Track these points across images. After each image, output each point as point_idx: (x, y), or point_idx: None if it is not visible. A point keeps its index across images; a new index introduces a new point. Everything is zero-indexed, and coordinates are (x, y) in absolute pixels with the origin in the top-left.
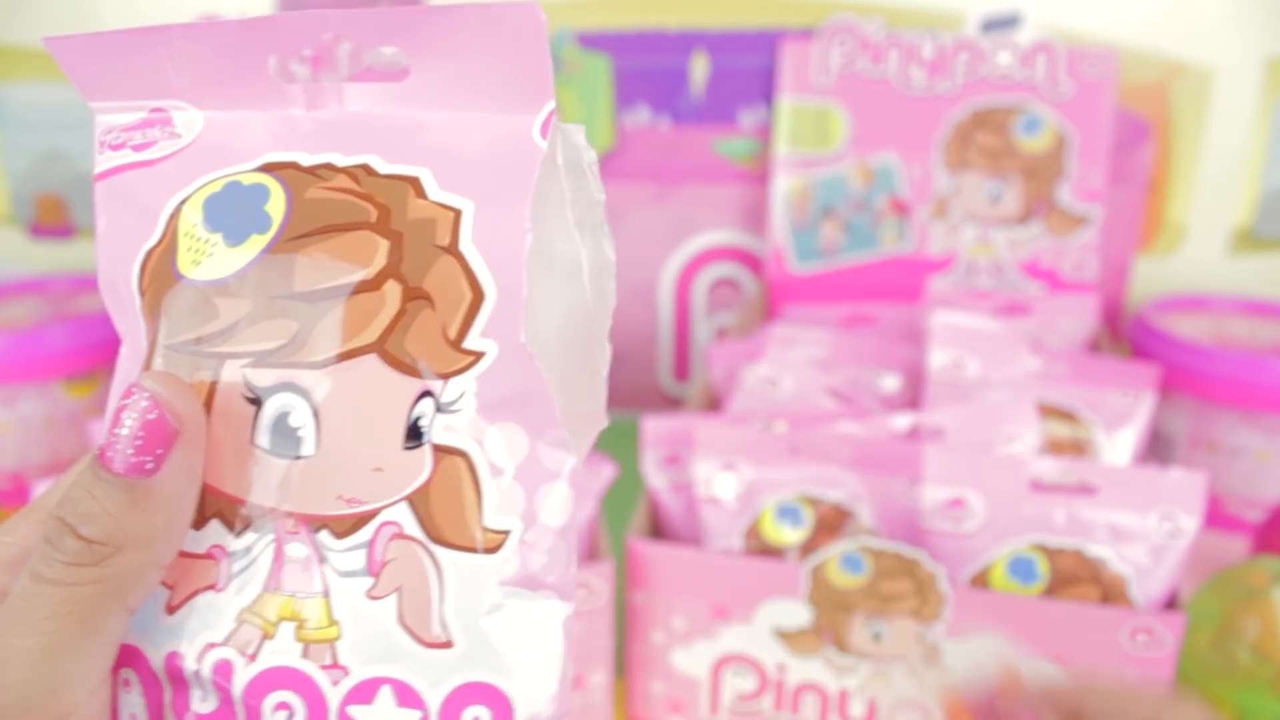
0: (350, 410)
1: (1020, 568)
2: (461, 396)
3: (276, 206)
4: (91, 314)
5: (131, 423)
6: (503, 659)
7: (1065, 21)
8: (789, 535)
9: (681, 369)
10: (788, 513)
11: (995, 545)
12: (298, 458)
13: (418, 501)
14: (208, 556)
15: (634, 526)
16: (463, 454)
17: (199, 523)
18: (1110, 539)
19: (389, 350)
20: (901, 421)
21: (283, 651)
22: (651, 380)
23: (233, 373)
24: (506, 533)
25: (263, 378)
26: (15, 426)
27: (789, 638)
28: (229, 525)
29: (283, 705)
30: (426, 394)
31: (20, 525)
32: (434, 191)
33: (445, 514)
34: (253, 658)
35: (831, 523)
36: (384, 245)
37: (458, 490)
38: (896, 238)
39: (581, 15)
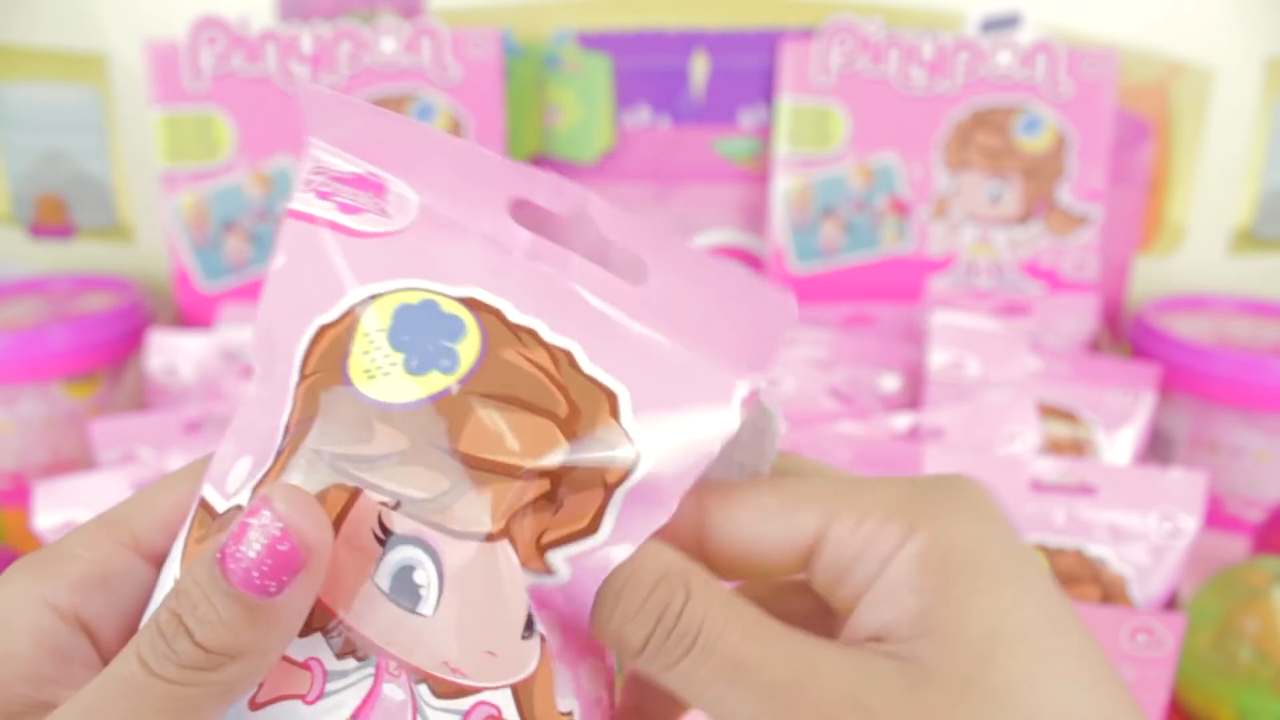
0: (477, 589)
1: None
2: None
3: (469, 350)
4: (91, 314)
5: (261, 547)
6: None
7: (1065, 21)
8: None
9: None
10: None
11: None
12: (414, 612)
13: (521, 691)
14: (304, 666)
15: None
16: (549, 649)
17: (305, 631)
18: (1110, 539)
19: (517, 542)
20: (901, 421)
21: None
22: None
23: (369, 505)
24: None
25: (400, 524)
26: (15, 426)
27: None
28: (331, 643)
29: None
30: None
31: (101, 541)
32: (626, 417)
33: (544, 707)
34: None
35: None
36: (563, 448)
37: (545, 683)
38: (896, 238)
39: (581, 15)
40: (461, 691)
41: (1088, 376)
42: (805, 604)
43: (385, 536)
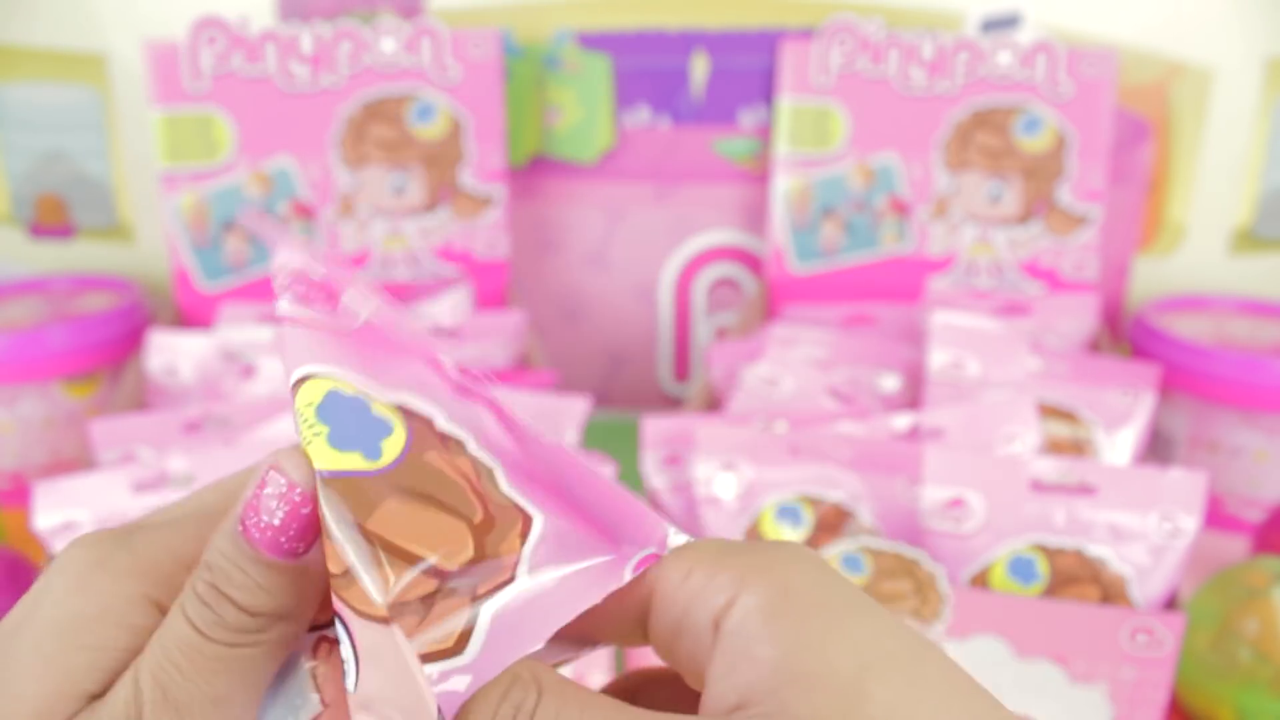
0: (385, 670)
1: (1020, 568)
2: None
3: (393, 447)
4: (91, 314)
5: (284, 514)
6: None
7: (1065, 21)
8: (789, 535)
9: (681, 369)
10: (788, 513)
11: (995, 545)
12: (346, 687)
13: None
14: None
15: None
16: None
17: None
18: (1110, 539)
19: (393, 629)
20: (901, 421)
21: None
22: (651, 380)
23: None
24: None
25: (334, 599)
26: (15, 426)
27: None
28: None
29: None
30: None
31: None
32: (530, 546)
33: None
34: None
35: (832, 523)
36: (468, 553)
37: None
38: (896, 238)
39: (581, 15)
40: None
41: (1088, 376)
42: (672, 692)
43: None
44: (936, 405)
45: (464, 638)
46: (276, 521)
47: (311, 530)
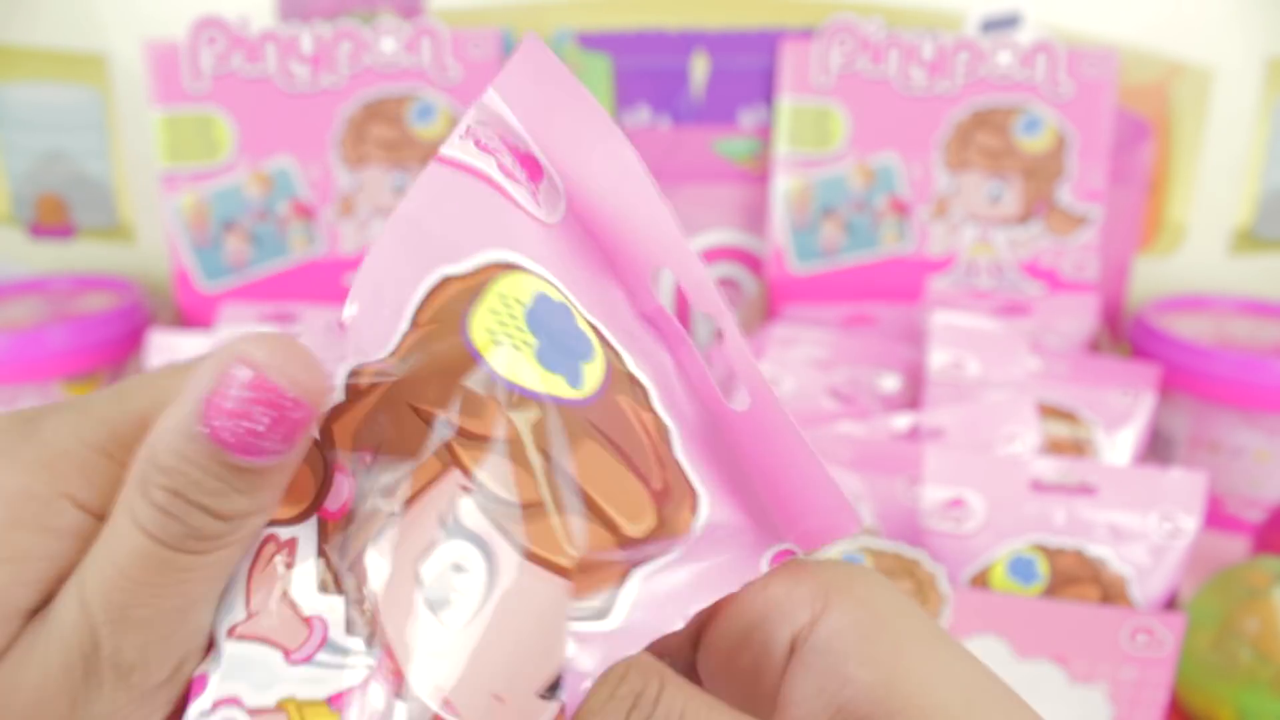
0: (515, 619)
1: (1020, 568)
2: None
3: (593, 376)
4: (91, 314)
5: (268, 420)
6: None
7: (1065, 21)
8: None
9: None
10: None
11: (995, 545)
12: (435, 617)
13: None
14: (306, 622)
15: None
16: None
17: (335, 583)
18: (1110, 539)
19: (574, 584)
20: (901, 421)
21: None
22: None
23: (453, 484)
24: None
25: (470, 517)
26: None
27: None
28: (349, 611)
29: None
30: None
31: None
32: (699, 525)
33: None
34: None
35: None
36: (650, 523)
37: None
38: (896, 238)
39: (581, 15)
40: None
41: (1088, 376)
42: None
43: (450, 524)
44: (936, 405)
45: (609, 605)
46: (260, 427)
47: (300, 428)
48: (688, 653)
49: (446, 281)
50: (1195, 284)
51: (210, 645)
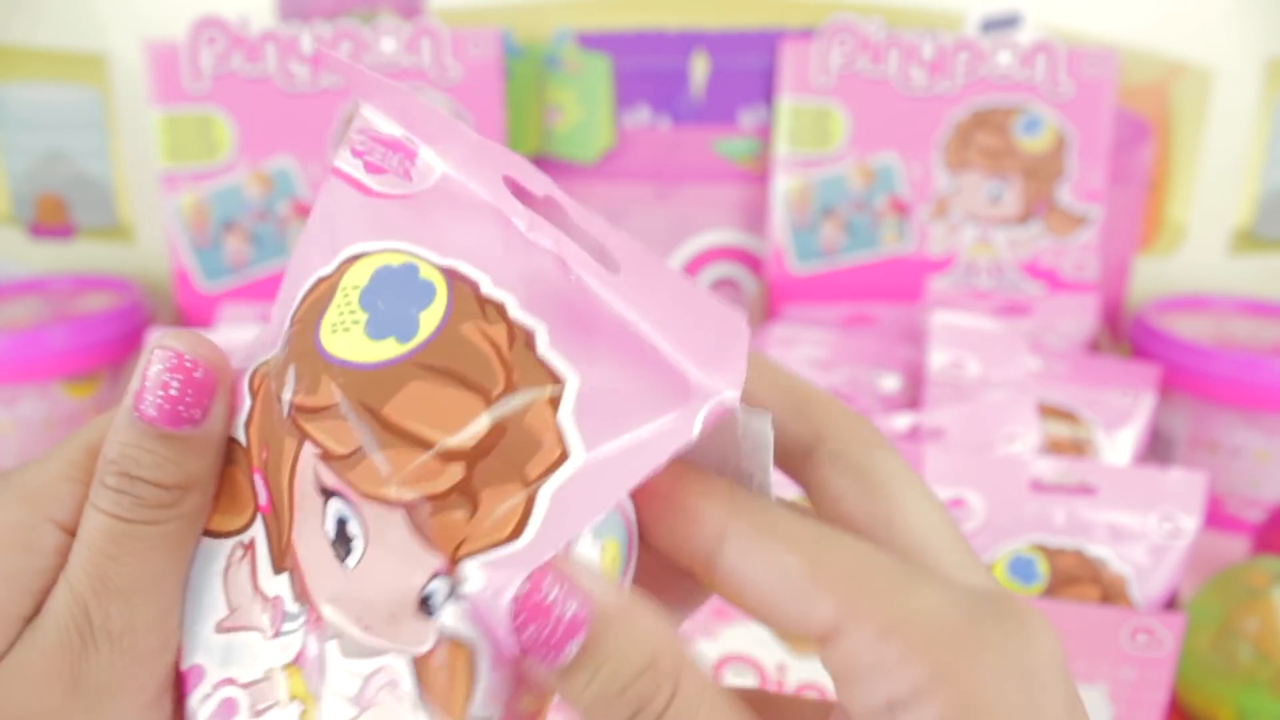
0: (383, 550)
1: (1020, 568)
2: (450, 604)
3: (430, 319)
4: (91, 314)
5: (180, 383)
6: None
7: (1065, 21)
8: None
9: None
10: None
11: (995, 545)
12: (343, 564)
13: (419, 667)
14: (271, 602)
15: None
16: (466, 646)
17: (279, 564)
18: (1110, 539)
19: (417, 519)
20: (901, 421)
21: None
22: None
23: (309, 455)
24: None
25: (327, 476)
26: (15, 426)
27: (789, 638)
28: (292, 583)
29: None
30: (440, 574)
31: (13, 507)
32: (565, 413)
33: (438, 688)
34: (259, 714)
35: None
36: (481, 428)
37: (453, 675)
38: (896, 238)
39: (581, 15)
40: (366, 653)
41: (1088, 376)
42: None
43: (323, 489)
44: (936, 405)
45: (520, 524)
46: (174, 392)
47: (208, 394)
48: None
49: (319, 282)
50: (1195, 284)
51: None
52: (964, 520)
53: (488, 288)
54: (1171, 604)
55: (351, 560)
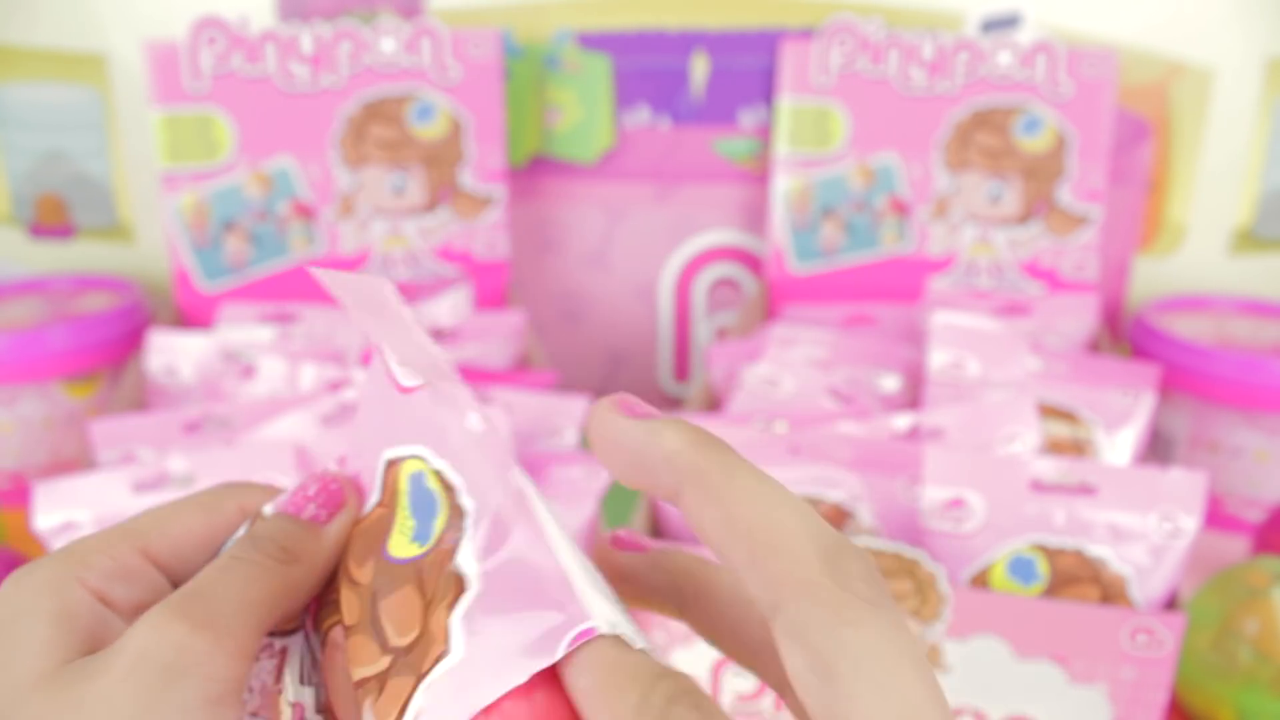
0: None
1: (1020, 568)
2: None
3: (437, 528)
4: (91, 314)
5: (315, 488)
6: None
7: (1065, 21)
8: None
9: (681, 369)
10: None
11: (995, 545)
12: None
13: None
14: (295, 706)
15: (634, 527)
16: None
17: (306, 679)
18: (1110, 539)
19: (361, 692)
20: (901, 421)
21: None
22: (651, 380)
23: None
24: None
25: (338, 635)
26: (15, 426)
27: None
28: (315, 700)
29: None
30: None
31: (118, 544)
32: (458, 615)
33: None
34: None
35: (832, 522)
36: (415, 633)
37: None
38: (896, 238)
39: (581, 15)
40: None
41: (1088, 376)
42: None
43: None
44: (936, 405)
45: (401, 711)
46: (310, 493)
47: (335, 505)
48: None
49: (392, 464)
50: (1195, 284)
51: None
52: (964, 520)
53: (461, 496)
54: (1171, 604)
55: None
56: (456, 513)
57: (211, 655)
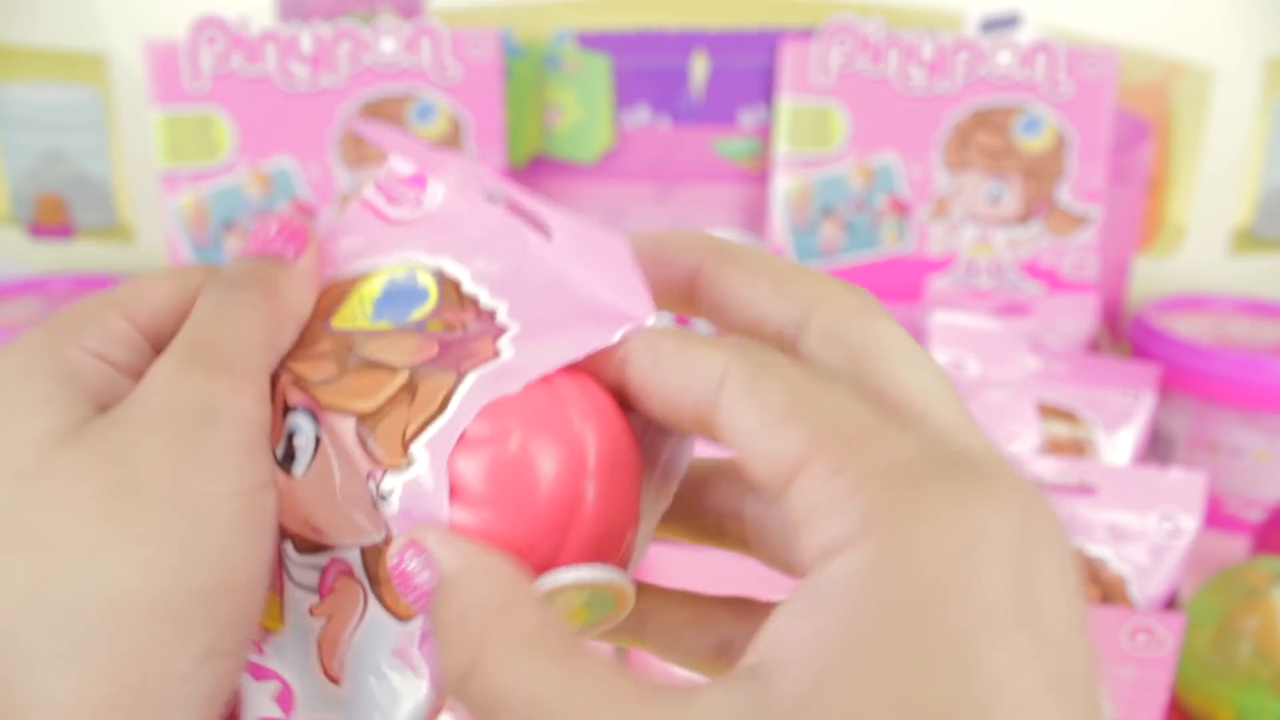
0: (335, 457)
1: None
2: (392, 493)
3: (421, 313)
4: None
5: (276, 227)
6: (370, 715)
7: (1065, 21)
8: None
9: None
10: None
11: None
12: (289, 473)
13: (369, 554)
14: None
15: None
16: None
17: None
18: (1110, 539)
19: (364, 426)
20: None
21: None
22: None
23: (282, 387)
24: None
25: (293, 395)
26: None
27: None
28: None
29: None
30: (372, 476)
31: (107, 315)
32: (504, 341)
33: (385, 574)
34: None
35: None
36: (432, 352)
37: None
38: (896, 238)
39: (581, 15)
40: (320, 548)
41: (1088, 376)
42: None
43: (287, 409)
44: None
45: (446, 399)
46: (271, 232)
47: (299, 241)
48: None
49: (332, 286)
50: (1195, 284)
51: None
52: None
53: (467, 286)
54: (1171, 604)
55: (298, 469)
56: (457, 299)
57: (237, 399)
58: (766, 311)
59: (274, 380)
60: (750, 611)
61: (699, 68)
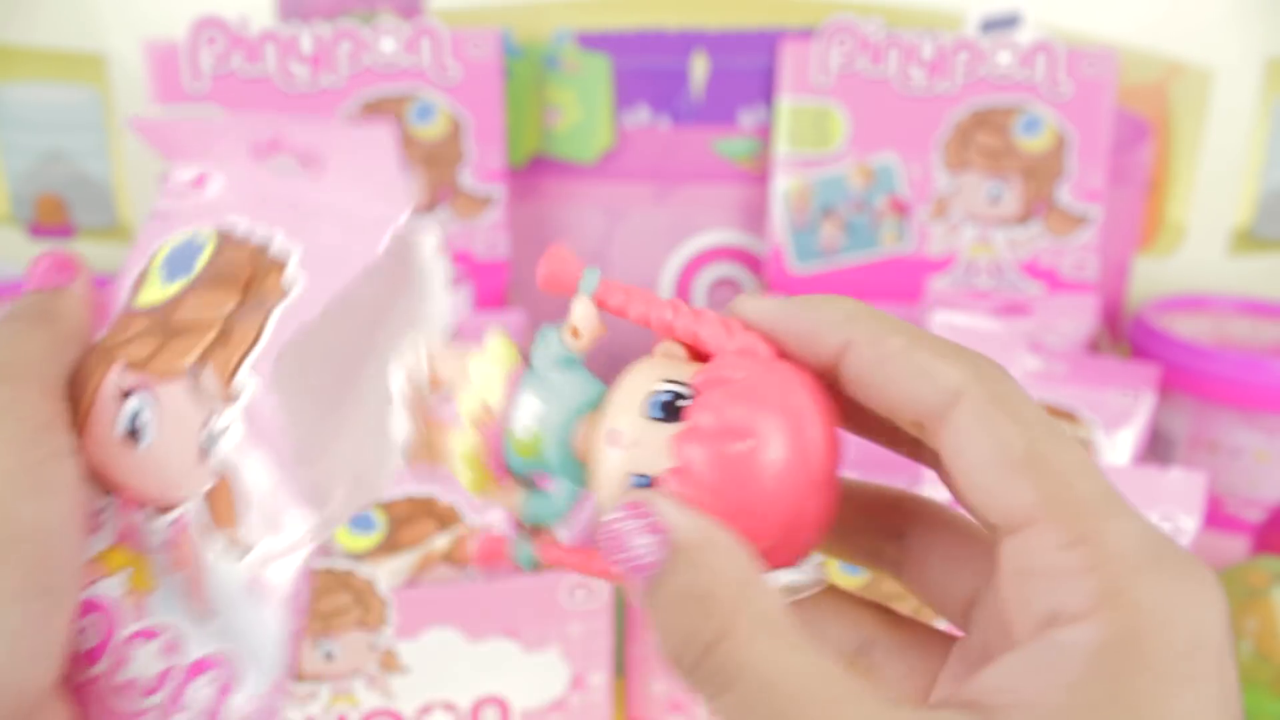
0: (170, 421)
1: None
2: (230, 426)
3: (203, 260)
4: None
5: (45, 264)
6: (239, 639)
7: (1065, 21)
8: None
9: None
10: None
11: None
12: (138, 448)
13: (210, 499)
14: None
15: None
16: (228, 477)
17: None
18: None
19: (192, 380)
20: None
21: (111, 588)
22: None
23: (114, 373)
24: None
25: (127, 379)
26: None
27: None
28: (95, 485)
29: (91, 623)
30: (206, 424)
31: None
32: (289, 271)
33: (223, 515)
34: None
35: None
36: (234, 301)
37: (229, 503)
38: (896, 238)
39: (581, 15)
40: (170, 507)
41: (1087, 376)
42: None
43: (126, 393)
44: None
45: (259, 331)
46: (40, 271)
47: (68, 272)
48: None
49: (136, 278)
50: (1195, 284)
51: None
52: None
53: (241, 229)
54: None
55: (145, 441)
56: (241, 240)
57: (19, 399)
58: (917, 393)
59: (104, 375)
60: (895, 623)
61: (699, 68)
